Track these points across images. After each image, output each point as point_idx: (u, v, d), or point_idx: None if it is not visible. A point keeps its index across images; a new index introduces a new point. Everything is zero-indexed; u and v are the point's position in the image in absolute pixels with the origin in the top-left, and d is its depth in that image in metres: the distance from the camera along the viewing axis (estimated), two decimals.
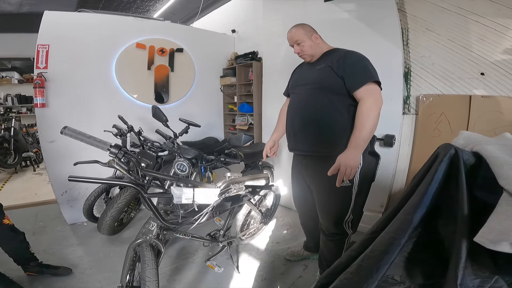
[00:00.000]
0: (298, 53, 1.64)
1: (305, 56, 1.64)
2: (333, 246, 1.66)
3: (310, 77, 1.62)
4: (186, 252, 2.25)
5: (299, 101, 1.66)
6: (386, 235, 0.56)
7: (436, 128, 2.16)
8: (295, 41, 1.62)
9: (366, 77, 1.43)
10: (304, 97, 1.63)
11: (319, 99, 1.54)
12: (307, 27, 1.64)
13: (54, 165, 2.64)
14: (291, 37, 1.63)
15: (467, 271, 0.52)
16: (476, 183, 0.53)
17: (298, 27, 1.63)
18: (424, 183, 0.54)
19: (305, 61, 1.72)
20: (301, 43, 1.60)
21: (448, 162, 0.53)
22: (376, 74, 1.47)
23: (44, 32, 2.50)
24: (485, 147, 0.55)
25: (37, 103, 2.49)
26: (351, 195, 1.53)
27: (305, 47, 1.60)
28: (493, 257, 0.51)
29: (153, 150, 2.19)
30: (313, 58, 1.64)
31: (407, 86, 2.32)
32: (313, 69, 1.62)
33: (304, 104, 1.62)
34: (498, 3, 1.89)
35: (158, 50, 3.09)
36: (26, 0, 3.79)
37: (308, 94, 1.60)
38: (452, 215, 0.53)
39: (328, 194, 1.57)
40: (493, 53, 1.94)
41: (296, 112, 1.66)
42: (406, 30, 2.29)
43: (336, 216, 1.59)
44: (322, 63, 1.57)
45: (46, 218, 2.91)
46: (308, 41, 1.59)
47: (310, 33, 1.62)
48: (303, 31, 1.61)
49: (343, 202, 1.55)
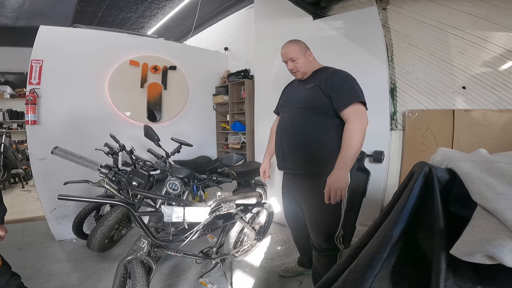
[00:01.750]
0: (291, 69, 1.65)
1: (298, 73, 1.65)
2: (326, 262, 1.65)
3: (299, 96, 1.64)
4: (179, 269, 2.21)
5: (287, 121, 1.68)
6: (369, 250, 0.58)
7: (422, 143, 2.21)
8: (289, 58, 1.61)
9: (352, 97, 1.46)
10: (293, 117, 1.64)
11: (307, 118, 1.56)
12: (301, 44, 1.65)
13: (43, 183, 2.61)
14: (286, 53, 1.63)
15: (449, 283, 0.53)
16: (450, 199, 0.56)
17: (294, 44, 1.63)
18: (401, 199, 0.57)
19: (296, 78, 1.74)
20: (295, 60, 1.60)
21: (423, 179, 0.56)
22: (362, 94, 1.51)
23: (38, 47, 2.52)
24: (458, 164, 0.58)
25: (28, 120, 2.48)
26: (341, 211, 1.55)
27: (299, 64, 1.61)
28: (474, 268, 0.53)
29: (145, 169, 2.19)
30: (305, 75, 1.65)
31: (393, 102, 2.39)
32: (302, 88, 1.64)
33: (292, 124, 1.63)
34: (474, 16, 2.00)
35: (151, 68, 3.14)
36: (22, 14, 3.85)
37: (297, 114, 1.62)
38: (430, 229, 0.56)
39: (317, 211, 1.58)
40: (473, 66, 2.03)
41: (284, 131, 1.67)
42: (390, 45, 2.39)
43: (327, 232, 1.60)
44: (311, 82, 1.59)
45: (34, 234, 2.85)
46: (303, 58, 1.60)
47: (304, 50, 1.63)
48: (298, 48, 1.61)
49: (333, 218, 1.56)
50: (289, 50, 1.61)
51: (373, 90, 2.36)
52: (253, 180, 2.74)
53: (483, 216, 0.52)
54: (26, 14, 3.82)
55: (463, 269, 0.54)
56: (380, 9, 2.40)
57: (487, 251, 0.46)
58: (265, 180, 1.95)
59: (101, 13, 4.01)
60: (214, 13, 4.09)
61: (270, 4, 3.03)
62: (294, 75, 1.70)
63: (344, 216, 1.57)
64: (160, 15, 4.27)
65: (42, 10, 3.66)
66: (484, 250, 0.47)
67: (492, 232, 0.48)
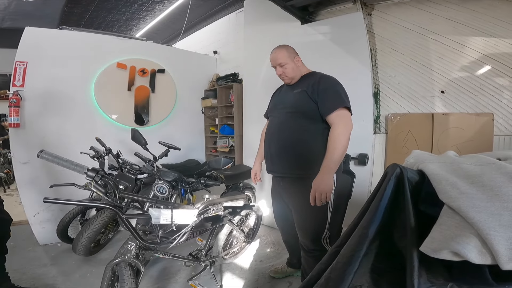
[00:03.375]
0: (279, 75, 1.68)
1: (286, 78, 1.68)
2: (313, 262, 1.68)
3: (287, 101, 1.68)
4: (168, 273, 2.20)
5: (276, 125, 1.71)
6: (348, 248, 0.62)
7: (404, 145, 2.29)
8: (278, 63, 1.64)
9: (336, 103, 1.50)
10: (281, 121, 1.68)
11: (295, 123, 1.60)
12: (290, 49, 1.68)
13: (27, 186, 2.56)
14: (275, 58, 1.65)
15: (422, 279, 0.56)
16: (420, 198, 0.60)
17: (282, 49, 1.66)
18: (376, 200, 0.61)
19: (284, 83, 1.78)
20: (284, 65, 1.63)
21: (395, 180, 0.59)
22: (347, 100, 1.54)
23: (23, 48, 2.48)
24: (427, 165, 0.62)
25: (11, 123, 2.42)
26: (327, 213, 1.59)
27: (287, 69, 1.63)
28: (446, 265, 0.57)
29: (132, 173, 2.18)
30: (293, 80, 1.68)
31: (377, 106, 2.46)
32: (290, 93, 1.67)
33: (280, 128, 1.66)
34: (454, 21, 2.07)
35: (139, 71, 3.12)
36: (8, 15, 3.75)
37: (285, 118, 1.65)
38: (404, 228, 0.59)
39: (305, 212, 1.62)
40: (451, 71, 2.11)
41: (273, 135, 1.70)
42: (374, 50, 2.46)
43: (314, 233, 1.64)
44: (299, 87, 1.63)
45: (17, 238, 2.76)
46: (291, 63, 1.63)
47: (293, 55, 1.66)
48: (287, 53, 1.64)
49: (319, 220, 1.60)
50: (278, 55, 1.64)
51: (357, 94, 2.43)
52: (242, 183, 2.76)
53: (449, 214, 0.56)
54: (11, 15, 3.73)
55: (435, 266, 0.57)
56: (365, 14, 2.47)
57: (452, 247, 0.49)
58: (256, 183, 1.97)
59: (88, 14, 3.95)
60: (203, 16, 4.10)
61: (259, 8, 3.07)
62: (282, 80, 1.73)
63: (330, 218, 1.61)
64: (149, 18, 4.25)
65: (29, 11, 3.58)
66: (450, 247, 0.50)
67: (457, 229, 0.52)
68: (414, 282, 0.55)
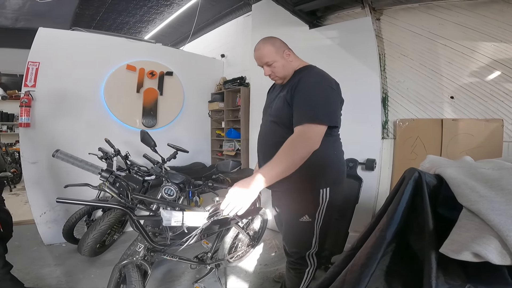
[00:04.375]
0: (269, 75, 1.40)
1: (277, 79, 1.41)
2: (293, 275, 1.57)
3: (273, 107, 1.42)
4: (173, 275, 2.20)
5: (262, 134, 1.52)
6: (365, 250, 0.62)
7: (412, 151, 2.28)
8: (265, 62, 1.35)
9: (305, 116, 1.19)
10: (265, 131, 1.48)
11: (276, 135, 1.35)
12: (277, 43, 1.36)
13: (34, 186, 2.58)
14: (260, 57, 1.35)
15: (439, 281, 0.57)
16: (438, 202, 0.61)
17: (267, 44, 1.34)
18: (394, 203, 0.61)
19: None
20: (272, 64, 1.34)
21: (413, 184, 0.60)
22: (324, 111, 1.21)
23: (36, 49, 2.51)
24: (445, 170, 0.63)
25: (21, 123, 2.45)
26: (314, 230, 1.40)
27: (276, 68, 1.34)
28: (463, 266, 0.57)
29: (140, 175, 2.19)
30: (285, 79, 1.40)
31: (385, 111, 2.46)
32: (277, 97, 1.41)
33: (265, 138, 1.47)
34: (464, 26, 2.07)
35: (148, 73, 3.15)
36: (22, 16, 3.82)
37: (269, 128, 1.43)
38: (421, 231, 0.60)
39: (290, 227, 1.48)
40: (461, 76, 2.09)
41: (260, 145, 1.53)
42: (383, 55, 2.46)
43: (297, 248, 1.50)
44: (285, 89, 1.35)
45: (22, 238, 2.78)
46: (280, 60, 1.34)
47: (281, 50, 1.35)
48: (274, 49, 1.33)
49: (305, 236, 1.43)
50: (263, 52, 1.34)
51: (365, 99, 2.45)
52: None
53: (468, 217, 0.56)
54: (25, 15, 3.81)
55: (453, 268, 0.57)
56: (374, 19, 2.48)
57: (473, 249, 0.49)
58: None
59: (99, 16, 4.02)
60: (211, 20, 4.15)
61: (267, 12, 3.10)
62: (273, 80, 1.46)
63: (319, 233, 1.42)
64: (158, 21, 4.31)
65: (42, 12, 3.65)
66: (471, 248, 0.50)
67: (476, 232, 0.52)
68: (432, 284, 0.55)
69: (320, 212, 1.36)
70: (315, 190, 1.34)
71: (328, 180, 1.35)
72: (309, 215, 1.36)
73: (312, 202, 1.35)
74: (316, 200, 1.34)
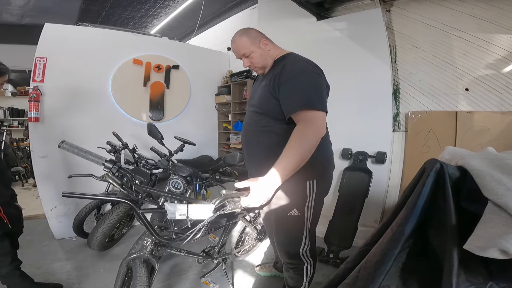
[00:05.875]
0: (248, 67, 1.39)
1: (257, 69, 1.38)
2: (292, 274, 1.52)
3: (255, 96, 1.39)
4: (180, 269, 2.20)
5: (244, 125, 1.46)
6: (380, 246, 0.59)
7: (425, 144, 2.22)
8: (242, 54, 1.34)
9: (299, 103, 1.15)
10: (247, 121, 1.42)
11: (258, 124, 1.32)
12: (252, 33, 1.35)
13: (44, 180, 2.60)
14: (236, 49, 1.35)
15: (461, 279, 0.54)
16: (461, 195, 0.57)
17: (242, 36, 1.34)
18: (413, 196, 0.57)
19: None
20: (249, 55, 1.32)
21: (434, 176, 0.56)
22: (316, 97, 1.17)
23: (43, 44, 2.51)
24: (468, 161, 0.59)
25: (31, 117, 2.47)
26: (303, 225, 1.35)
27: (254, 58, 1.32)
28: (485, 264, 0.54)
29: (147, 168, 2.19)
30: (266, 69, 1.37)
31: (396, 103, 2.40)
32: (259, 87, 1.38)
33: (247, 129, 1.42)
34: (479, 18, 2.01)
35: (154, 67, 3.13)
36: (28, 12, 3.84)
37: (251, 118, 1.39)
38: (441, 225, 0.56)
39: (279, 222, 1.40)
40: (476, 68, 2.03)
41: (242, 136, 1.47)
42: (394, 47, 2.40)
43: (289, 247, 1.44)
44: (266, 79, 1.32)
45: (33, 232, 2.81)
46: (257, 50, 1.32)
47: (257, 39, 1.33)
48: (249, 39, 1.32)
49: (295, 232, 1.38)
50: (239, 45, 1.33)
51: (376, 91, 2.39)
52: None
53: (495, 211, 0.53)
54: (31, 11, 3.82)
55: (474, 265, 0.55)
56: (384, 11, 2.42)
57: (500, 245, 0.46)
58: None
59: (105, 11, 4.01)
60: (217, 13, 4.10)
61: (273, 4, 3.04)
62: (254, 71, 1.44)
63: (309, 228, 1.37)
64: (164, 15, 4.28)
65: (48, 7, 3.66)
66: (498, 244, 0.47)
67: (504, 227, 0.49)
68: (452, 281, 0.53)
69: (308, 206, 1.32)
70: (302, 182, 1.28)
71: (314, 172, 1.29)
72: (298, 208, 1.31)
73: (299, 194, 1.30)
74: (303, 192, 1.30)
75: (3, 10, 3.81)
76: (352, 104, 2.52)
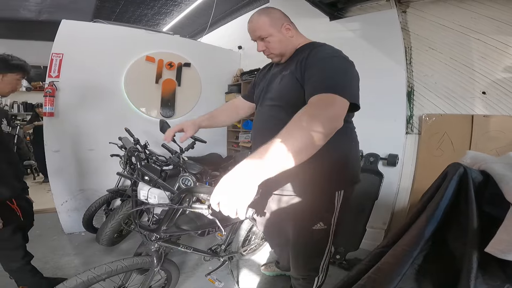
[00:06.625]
0: (263, 51, 1.21)
1: (272, 56, 1.21)
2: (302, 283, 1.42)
3: (273, 89, 1.20)
4: (186, 266, 2.21)
5: (258, 127, 1.26)
6: (398, 248, 0.58)
7: (439, 147, 2.18)
8: (258, 36, 1.16)
9: (324, 85, 0.92)
10: (265, 118, 1.21)
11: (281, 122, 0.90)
12: (275, 14, 1.16)
13: (56, 174, 2.65)
14: (253, 29, 1.17)
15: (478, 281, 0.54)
16: (484, 199, 0.56)
17: (262, 15, 1.15)
18: (435, 199, 0.57)
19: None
20: (266, 38, 1.15)
21: (457, 180, 0.56)
22: (347, 83, 0.97)
23: (59, 40, 2.55)
24: (491, 166, 0.58)
25: (45, 112, 2.53)
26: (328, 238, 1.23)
27: (272, 43, 1.15)
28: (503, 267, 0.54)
29: (158, 164, 2.21)
30: (284, 57, 1.20)
31: (410, 105, 2.36)
32: (278, 76, 1.21)
33: (262, 129, 1.21)
34: (498, 21, 1.96)
35: (166, 64, 3.16)
36: (45, 8, 3.92)
37: (267, 115, 1.20)
38: (462, 229, 0.56)
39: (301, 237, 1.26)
40: (495, 72, 1.99)
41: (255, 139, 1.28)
42: (409, 49, 2.37)
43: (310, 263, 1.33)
44: (288, 67, 1.15)
45: (43, 226, 2.85)
46: (277, 34, 1.14)
47: (279, 22, 1.15)
48: (269, 21, 1.14)
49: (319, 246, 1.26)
50: (256, 25, 1.15)
51: (389, 93, 2.36)
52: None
53: None
54: (48, 8, 3.90)
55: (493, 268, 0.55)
56: (399, 12, 2.38)
57: None
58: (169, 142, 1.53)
59: (119, 9, 4.07)
60: (228, 11, 4.11)
61: (285, 3, 3.01)
62: (269, 58, 1.25)
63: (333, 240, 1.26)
64: (176, 12, 4.31)
65: (64, 4, 3.73)
66: None
67: None
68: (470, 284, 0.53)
69: (334, 217, 1.19)
70: (330, 192, 1.15)
71: (345, 180, 1.18)
72: (324, 221, 1.17)
73: (326, 206, 1.16)
74: (331, 203, 1.16)
75: (21, 6, 3.90)
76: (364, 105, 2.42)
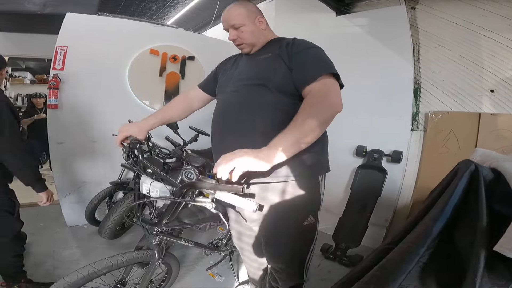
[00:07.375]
0: (233, 40, 1.21)
1: (243, 46, 1.21)
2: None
3: (250, 71, 1.19)
4: (187, 260, 2.22)
5: (232, 105, 1.19)
6: (404, 245, 0.57)
7: (444, 145, 2.16)
8: (231, 24, 1.18)
9: (320, 67, 1.02)
10: (240, 101, 1.15)
11: (265, 99, 1.08)
12: (251, 7, 1.22)
13: (60, 166, 2.66)
14: (227, 18, 1.19)
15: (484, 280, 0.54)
16: (494, 197, 0.55)
17: (239, 6, 1.19)
18: (444, 196, 0.56)
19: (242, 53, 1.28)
20: (239, 28, 1.17)
21: (468, 177, 0.55)
22: (334, 66, 1.06)
23: (64, 33, 2.55)
24: (503, 164, 0.57)
25: (49, 104, 2.53)
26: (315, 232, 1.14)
27: (244, 33, 1.17)
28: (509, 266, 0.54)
29: (161, 157, 2.21)
30: (254, 48, 1.22)
31: (416, 102, 2.34)
32: (253, 60, 1.21)
33: (241, 109, 1.14)
34: (509, 19, 1.94)
35: (170, 57, 3.15)
36: (50, 1, 3.89)
37: (248, 94, 1.14)
38: (470, 226, 0.55)
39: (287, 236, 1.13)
40: (504, 70, 1.97)
41: (226, 121, 1.21)
42: (417, 45, 2.34)
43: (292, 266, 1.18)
44: (267, 52, 1.17)
45: (46, 219, 2.87)
46: (250, 25, 1.17)
47: (253, 14, 1.19)
48: (245, 11, 1.18)
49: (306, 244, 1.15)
50: (232, 15, 1.17)
51: (396, 89, 2.35)
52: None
53: None
54: (53, 1, 3.86)
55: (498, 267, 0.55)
56: (408, 8, 2.35)
57: None
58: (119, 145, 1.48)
59: (123, 2, 4.03)
60: None
61: None
62: (239, 48, 1.25)
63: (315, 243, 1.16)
64: (180, 6, 4.27)
65: None
66: None
67: None
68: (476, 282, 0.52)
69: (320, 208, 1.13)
70: (314, 178, 1.09)
71: (325, 163, 1.13)
72: (313, 214, 1.09)
73: (314, 195, 1.09)
74: (317, 191, 1.09)
75: None
76: (370, 101, 2.47)
